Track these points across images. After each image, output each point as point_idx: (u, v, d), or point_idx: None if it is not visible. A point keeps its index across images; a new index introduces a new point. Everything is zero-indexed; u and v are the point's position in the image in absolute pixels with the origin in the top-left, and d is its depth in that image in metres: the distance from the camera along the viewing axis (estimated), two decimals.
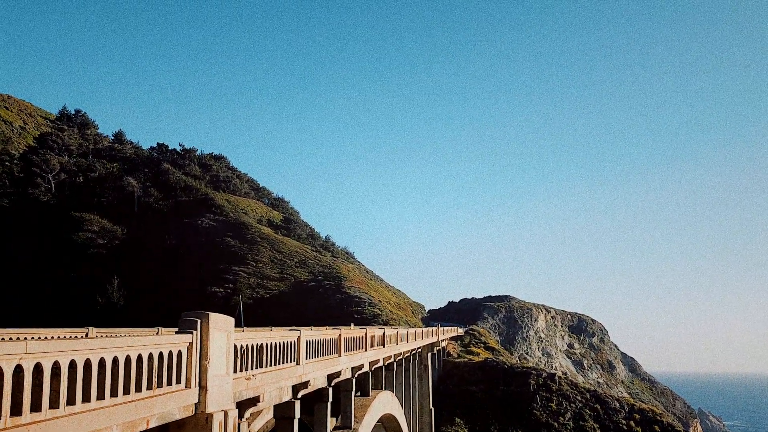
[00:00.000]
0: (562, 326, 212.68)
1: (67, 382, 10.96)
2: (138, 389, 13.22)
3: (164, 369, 14.31)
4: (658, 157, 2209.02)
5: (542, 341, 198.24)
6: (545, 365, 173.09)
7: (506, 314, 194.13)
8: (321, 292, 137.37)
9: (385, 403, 49.64)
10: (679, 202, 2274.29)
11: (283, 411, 26.39)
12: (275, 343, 22.30)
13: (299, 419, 27.01)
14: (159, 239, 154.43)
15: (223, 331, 17.04)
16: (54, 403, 10.67)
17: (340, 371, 33.62)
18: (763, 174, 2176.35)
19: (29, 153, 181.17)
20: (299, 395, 26.63)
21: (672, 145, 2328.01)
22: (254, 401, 20.59)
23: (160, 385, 14.14)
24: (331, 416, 34.26)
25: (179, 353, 15.09)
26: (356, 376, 39.40)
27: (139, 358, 13.26)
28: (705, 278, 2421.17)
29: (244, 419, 20.75)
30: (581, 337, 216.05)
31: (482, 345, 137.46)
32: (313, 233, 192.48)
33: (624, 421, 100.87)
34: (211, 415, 16.22)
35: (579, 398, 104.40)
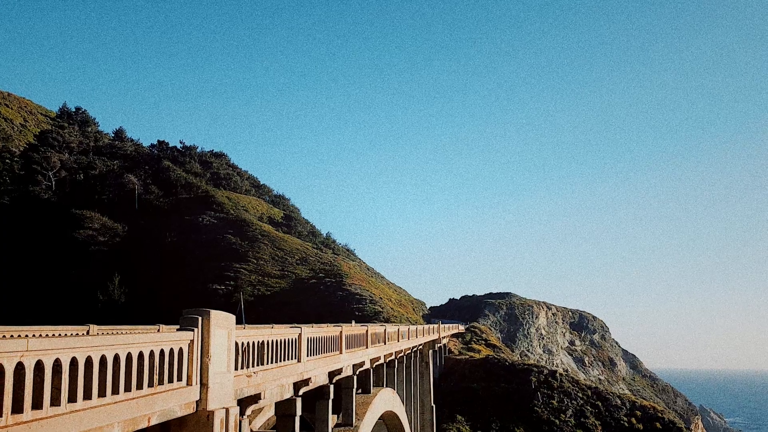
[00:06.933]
0: (563, 323, 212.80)
1: (68, 379, 10.95)
2: (139, 387, 13.20)
3: (165, 366, 14.29)
4: (658, 153, 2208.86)
5: (543, 338, 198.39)
6: (546, 362, 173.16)
7: (507, 311, 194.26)
8: (322, 290, 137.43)
9: (386, 400, 49.64)
10: (680, 199, 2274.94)
11: (284, 408, 26.41)
12: (276, 341, 22.28)
13: (300, 416, 27.02)
14: (160, 237, 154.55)
15: (224, 328, 17.01)
16: (55, 401, 10.66)
17: (342, 368, 33.58)
18: (765, 171, 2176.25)
19: (30, 150, 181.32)
20: (300, 392, 26.62)
21: (673, 141, 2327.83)
22: (255, 398, 20.58)
23: (161, 382, 14.11)
24: (333, 413, 34.23)
25: (180, 350, 15.07)
26: (357, 373, 39.37)
27: (141, 355, 13.24)
28: (706, 275, 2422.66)
29: (245, 416, 20.74)
30: (582, 334, 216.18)
31: (483, 342, 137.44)
32: (314, 230, 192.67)
33: (625, 418, 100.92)
34: (212, 412, 16.20)
35: (580, 395, 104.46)
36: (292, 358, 24.11)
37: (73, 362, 11.07)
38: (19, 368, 9.83)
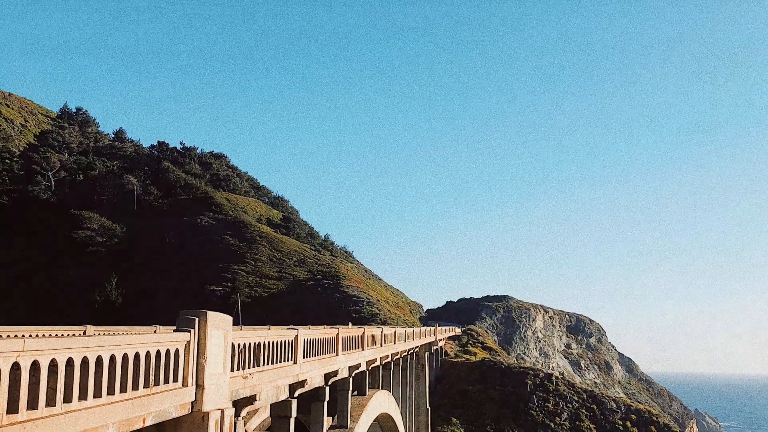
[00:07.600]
0: (559, 326, 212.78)
1: (63, 379, 11.00)
2: (135, 387, 13.25)
3: (161, 367, 14.35)
4: (656, 156, 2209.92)
5: (540, 341, 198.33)
6: (542, 365, 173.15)
7: (504, 314, 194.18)
8: (319, 291, 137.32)
9: (381, 402, 49.69)
10: (677, 202, 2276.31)
11: (279, 410, 26.45)
12: (273, 342, 22.36)
13: (296, 418, 27.07)
14: (158, 237, 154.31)
15: (220, 329, 17.09)
16: (51, 401, 10.71)
17: (337, 370, 33.63)
18: (762, 174, 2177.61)
19: (30, 151, 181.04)
20: (296, 394, 26.67)
21: (671, 144, 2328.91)
22: (251, 400, 20.65)
23: (157, 383, 14.16)
24: (328, 415, 34.31)
25: (176, 351, 15.13)
26: (353, 375, 39.44)
27: (137, 356, 13.30)
28: (703, 279, 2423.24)
29: (240, 418, 20.80)
30: (579, 338, 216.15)
31: (480, 345, 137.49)
32: (312, 232, 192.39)
33: (620, 422, 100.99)
34: (207, 413, 16.26)
35: (576, 398, 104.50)
36: (288, 360, 24.20)
37: (69, 363, 11.13)
38: (15, 368, 9.89)
